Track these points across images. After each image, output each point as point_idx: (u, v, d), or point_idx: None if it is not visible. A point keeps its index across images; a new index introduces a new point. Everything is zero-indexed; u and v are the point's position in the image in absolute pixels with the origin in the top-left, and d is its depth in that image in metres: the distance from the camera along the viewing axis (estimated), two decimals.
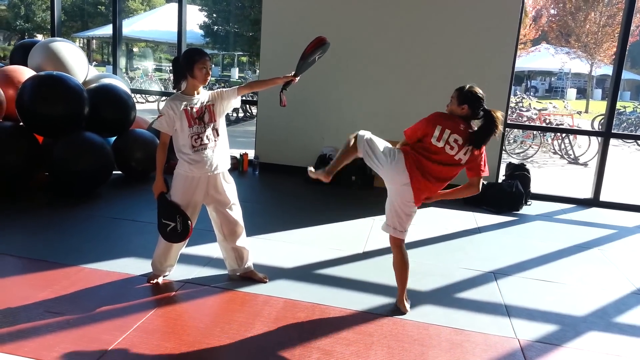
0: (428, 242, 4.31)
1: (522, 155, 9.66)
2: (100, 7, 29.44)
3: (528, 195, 5.71)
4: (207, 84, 3.08)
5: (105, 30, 22.46)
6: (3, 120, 4.98)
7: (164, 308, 2.89)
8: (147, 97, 14.66)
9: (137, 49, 31.90)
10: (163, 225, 3.02)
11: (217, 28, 24.67)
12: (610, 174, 6.76)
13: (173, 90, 3.25)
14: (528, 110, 11.27)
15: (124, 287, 3.12)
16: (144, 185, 5.43)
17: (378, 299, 3.17)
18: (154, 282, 3.18)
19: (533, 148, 9.77)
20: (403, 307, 3.05)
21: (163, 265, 3.22)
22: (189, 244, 3.78)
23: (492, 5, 5.78)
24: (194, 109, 2.94)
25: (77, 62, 5.86)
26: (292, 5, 6.25)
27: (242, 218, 3.26)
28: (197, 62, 2.92)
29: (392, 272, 3.55)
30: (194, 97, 2.98)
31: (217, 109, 3.03)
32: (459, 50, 5.90)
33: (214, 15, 24.76)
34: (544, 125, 10.30)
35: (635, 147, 12.43)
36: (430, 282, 3.48)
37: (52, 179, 4.98)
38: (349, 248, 4.01)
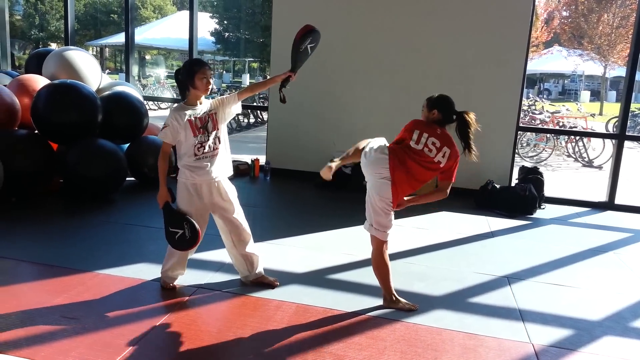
0: (441, 246, 4.28)
1: (535, 159, 9.58)
2: (113, 15, 29.82)
3: (542, 199, 5.65)
4: (209, 94, 3.12)
5: (118, 39, 22.74)
6: (18, 128, 5.06)
7: (177, 313, 2.90)
8: (159, 104, 14.79)
9: (149, 57, 32.25)
10: (171, 234, 3.02)
11: (228, 35, 24.85)
12: (625, 177, 6.68)
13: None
14: (541, 113, 11.18)
15: (138, 292, 3.14)
16: (157, 192, 5.45)
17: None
18: (170, 286, 3.20)
19: (547, 151, 9.68)
20: (397, 305, 3.07)
21: (173, 274, 3.23)
22: (201, 249, 3.81)
23: (503, 8, 5.76)
24: (198, 119, 2.98)
25: (90, 70, 5.94)
26: (302, 11, 6.28)
27: (247, 224, 3.27)
28: (197, 72, 2.95)
29: (405, 277, 3.57)
30: (197, 106, 3.01)
31: (219, 117, 3.06)
32: (471, 53, 5.88)
33: (225, 22, 24.96)
34: (558, 128, 10.20)
35: None
36: (444, 286, 3.46)
37: (66, 185, 5.05)
38: (361, 253, 4.00)
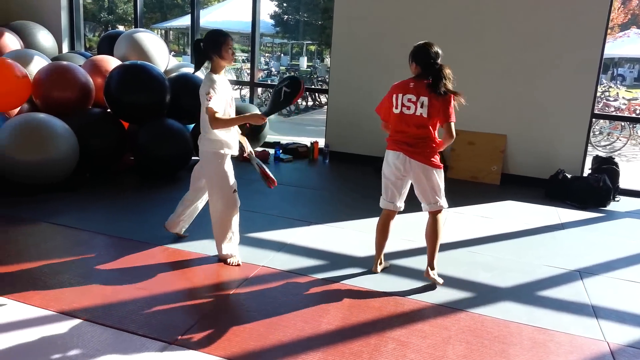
0: (507, 237, 4.13)
1: (608, 148, 9.05)
2: None
3: (616, 191, 5.33)
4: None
5: (182, 22, 23.26)
6: (92, 107, 5.30)
7: (242, 290, 2.96)
8: None
9: None
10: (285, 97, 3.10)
11: (287, 17, 24.88)
12: None
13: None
14: (616, 100, 10.51)
15: (203, 267, 3.23)
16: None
17: (454, 293, 3.08)
18: (235, 263, 3.30)
19: (621, 140, 9.11)
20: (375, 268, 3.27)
21: (228, 248, 3.33)
22: (262, 229, 3.87)
23: None
24: (229, 88, 3.15)
25: (158, 51, 6.11)
26: None
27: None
28: (223, 43, 3.04)
29: (469, 266, 3.47)
30: (223, 76, 3.13)
31: None
32: (544, 35, 5.57)
33: (284, 5, 24.98)
34: (635, 116, 9.57)
35: None
36: (511, 278, 3.34)
37: (137, 163, 5.25)
38: (422, 239, 3.90)
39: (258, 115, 3.11)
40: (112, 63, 5.64)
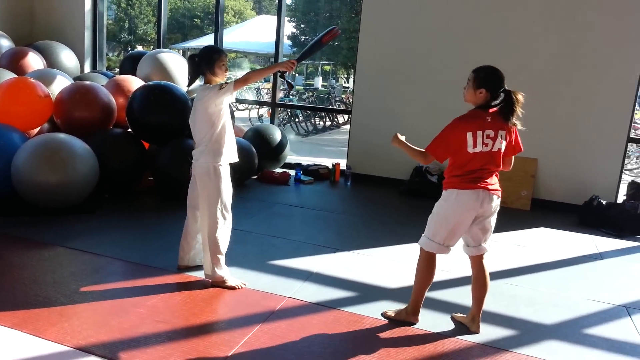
0: (544, 267, 3.91)
1: (636, 172, 8.77)
2: (196, 20, 30.99)
3: None
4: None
5: (201, 42, 23.55)
6: (113, 128, 5.22)
7: (269, 324, 2.78)
8: (237, 105, 15.08)
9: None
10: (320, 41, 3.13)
11: (304, 38, 25.04)
12: None
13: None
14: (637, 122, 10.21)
15: (227, 298, 3.06)
16: (241, 193, 5.45)
17: (497, 331, 2.87)
18: (240, 286, 3.19)
19: None
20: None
21: (221, 268, 3.19)
22: (288, 256, 3.71)
23: (618, 3, 5.24)
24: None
25: (181, 72, 6.05)
26: (390, 14, 6.05)
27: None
28: (217, 60, 3.05)
29: (509, 300, 3.26)
30: None
31: None
32: (579, 54, 5.39)
33: (302, 26, 25.17)
34: None
35: None
36: (554, 314, 3.12)
37: (156, 184, 5.14)
38: (456, 269, 3.72)
39: (288, 61, 3.03)
40: (134, 83, 5.58)
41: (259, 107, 11.68)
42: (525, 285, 3.52)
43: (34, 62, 6.01)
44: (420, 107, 5.93)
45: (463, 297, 3.26)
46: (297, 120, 11.26)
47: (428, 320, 2.93)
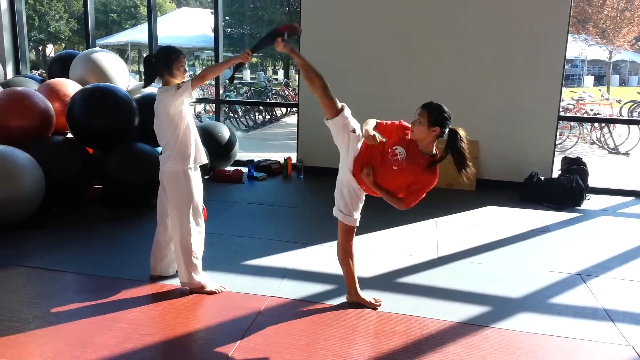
0: (501, 243, 4.16)
1: (559, 147, 9.45)
2: (113, 14, 29.52)
3: (586, 190, 5.53)
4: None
5: (118, 38, 22.55)
6: (53, 135, 4.92)
7: (258, 324, 2.78)
8: None
9: (146, 55, 31.92)
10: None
11: (230, 30, 24.59)
12: None
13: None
14: (562, 100, 11.01)
15: (206, 303, 3.01)
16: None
17: (473, 309, 3.04)
18: (220, 290, 3.16)
19: (571, 139, 9.55)
20: (364, 301, 3.00)
21: (198, 273, 3.13)
22: (262, 255, 3.71)
23: None
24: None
25: (119, 72, 5.79)
26: (330, 7, 6.11)
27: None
28: (174, 61, 2.96)
29: (477, 277, 3.45)
30: None
31: None
32: (509, 41, 5.73)
33: (227, 18, 24.67)
34: (602, 117, 9.81)
35: None
36: (520, 287, 3.34)
37: (106, 192, 4.91)
38: (421, 254, 3.88)
39: (244, 52, 2.91)
40: (70, 86, 5.28)
41: (203, 104, 11.41)
42: (488, 263, 3.74)
43: None
44: (366, 92, 6.04)
45: (434, 279, 3.42)
46: (236, 116, 11.10)
47: (407, 305, 3.05)
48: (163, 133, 3.04)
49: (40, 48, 29.76)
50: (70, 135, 5.07)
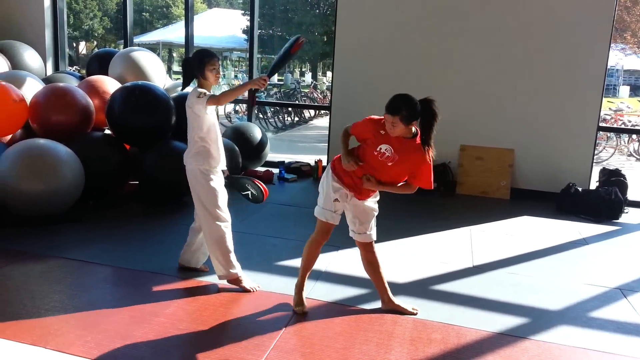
0: (539, 254, 4.08)
1: (595, 158, 9.23)
2: (145, 13, 30.06)
3: (625, 202, 5.39)
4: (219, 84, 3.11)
5: (150, 37, 22.94)
6: (92, 131, 5.03)
7: (294, 326, 2.79)
8: None
9: (176, 54, 32.41)
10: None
11: (260, 32, 24.80)
12: None
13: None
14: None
15: (245, 301, 3.03)
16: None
17: (510, 320, 2.98)
18: (255, 289, 3.19)
19: (607, 150, 9.33)
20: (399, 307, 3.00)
21: (234, 266, 3.17)
22: (293, 256, 3.72)
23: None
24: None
25: (156, 71, 5.89)
26: (366, 15, 6.10)
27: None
28: (207, 63, 2.98)
29: (514, 288, 3.39)
30: None
31: None
32: (550, 50, 5.63)
33: (257, 19, 24.93)
34: (638, 128, 9.59)
35: None
36: (558, 300, 3.27)
37: (141, 188, 4.99)
38: (456, 261, 3.84)
39: (259, 78, 2.92)
40: (109, 84, 5.38)
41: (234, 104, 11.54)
42: (524, 273, 3.68)
43: None
44: None
45: (470, 288, 3.37)
46: (265, 117, 11.18)
47: (443, 313, 3.01)
48: (189, 131, 3.11)
49: (74, 45, 30.42)
50: (109, 132, 5.18)
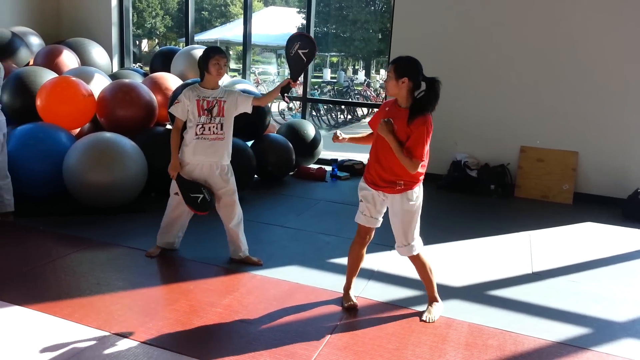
0: (601, 262, 3.90)
1: None
2: (204, 12, 30.86)
3: None
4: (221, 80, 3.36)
5: (208, 35, 23.53)
6: (155, 126, 5.22)
7: (347, 324, 2.80)
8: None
9: (232, 52, 33.10)
10: (192, 199, 3.27)
11: (315, 29, 24.97)
12: None
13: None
14: None
15: (298, 297, 3.07)
16: (281, 190, 5.47)
17: (571, 329, 2.87)
18: (153, 254, 3.51)
19: None
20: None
21: (169, 236, 3.53)
22: (346, 254, 3.70)
23: None
24: (205, 101, 3.22)
25: None
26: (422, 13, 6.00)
27: (238, 206, 3.44)
28: (211, 58, 3.19)
29: (578, 298, 3.26)
30: (210, 90, 3.25)
31: (227, 107, 3.26)
32: (616, 50, 5.35)
33: (314, 17, 25.07)
34: None
35: None
36: (624, 311, 3.11)
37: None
38: (515, 267, 3.72)
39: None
40: (171, 80, 5.57)
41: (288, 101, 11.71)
42: (587, 282, 3.52)
43: (69, 60, 5.99)
44: (461, 97, 5.88)
45: (529, 295, 3.27)
46: (318, 115, 11.24)
47: (499, 319, 2.93)
48: (229, 130, 3.33)
49: (136, 42, 31.65)
50: (170, 127, 5.36)
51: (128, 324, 2.64)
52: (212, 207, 3.32)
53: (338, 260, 3.66)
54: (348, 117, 12.40)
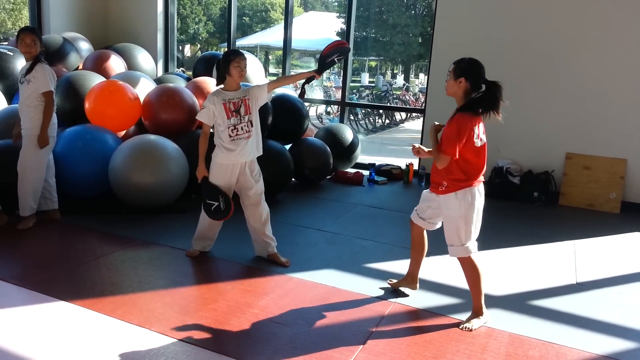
0: None
1: None
2: (245, 18, 31.39)
3: None
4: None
5: (249, 40, 23.89)
6: (195, 129, 5.33)
7: (383, 330, 2.77)
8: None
9: (271, 57, 33.49)
10: (208, 205, 3.36)
11: (355, 34, 24.99)
12: None
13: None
14: None
15: (334, 300, 3.07)
16: (318, 194, 5.49)
17: (617, 342, 2.76)
18: (196, 253, 3.60)
19: None
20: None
21: (205, 242, 3.60)
22: (383, 259, 3.70)
23: None
24: (232, 103, 3.28)
25: (256, 73, 6.12)
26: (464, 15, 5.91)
27: (265, 203, 3.54)
28: (232, 61, 3.23)
29: (625, 310, 3.13)
30: (232, 92, 3.31)
31: (251, 103, 3.33)
32: None
33: (354, 22, 25.10)
34: None
35: None
36: None
37: None
38: (558, 277, 3.61)
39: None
40: (212, 85, 5.68)
41: (327, 105, 11.76)
42: (635, 294, 3.38)
43: (116, 64, 6.21)
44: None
45: (573, 306, 3.15)
46: (356, 119, 11.23)
47: (541, 330, 2.85)
48: (258, 125, 3.44)
49: (180, 48, 32.46)
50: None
51: (168, 322, 2.71)
52: (225, 216, 3.39)
53: (374, 265, 3.64)
54: (386, 121, 12.33)
